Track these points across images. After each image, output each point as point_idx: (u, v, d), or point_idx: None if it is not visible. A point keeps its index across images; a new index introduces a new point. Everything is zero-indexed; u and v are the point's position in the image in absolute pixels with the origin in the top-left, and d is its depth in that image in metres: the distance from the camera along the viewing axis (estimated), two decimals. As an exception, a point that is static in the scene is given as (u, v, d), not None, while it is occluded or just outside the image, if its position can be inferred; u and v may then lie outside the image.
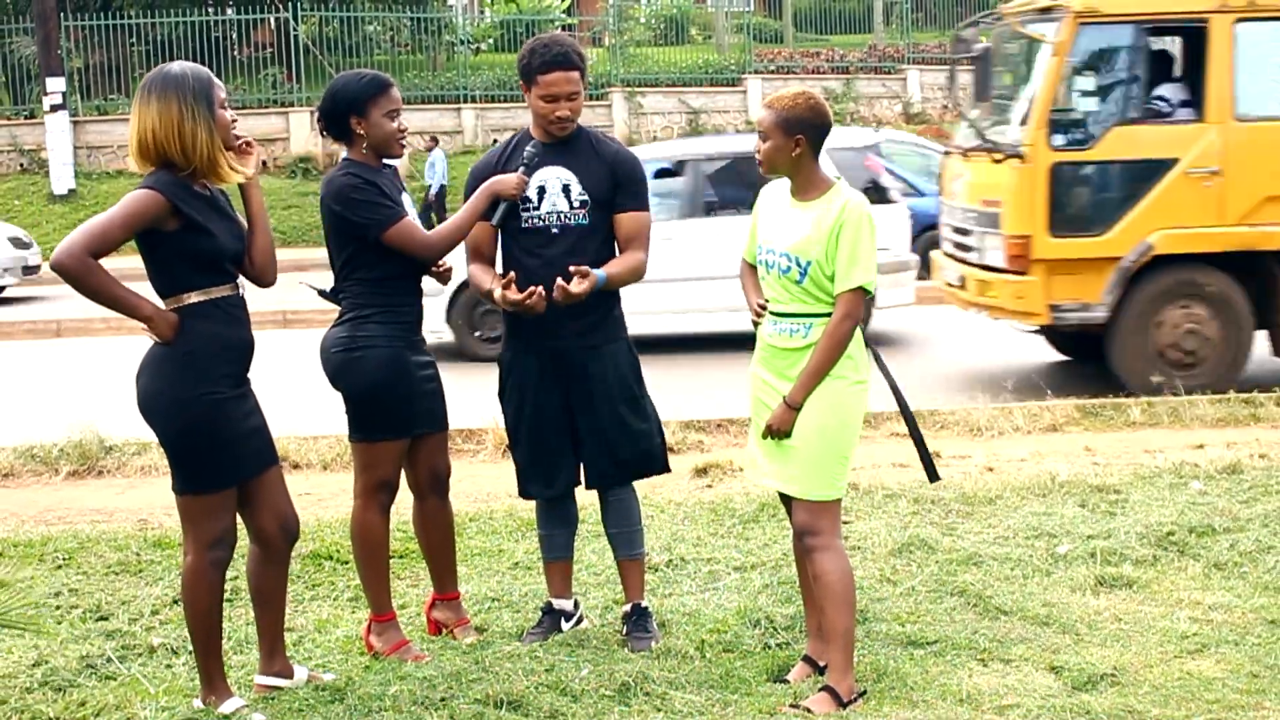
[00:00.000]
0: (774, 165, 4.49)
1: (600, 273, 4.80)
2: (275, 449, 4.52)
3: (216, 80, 4.32)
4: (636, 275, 4.97)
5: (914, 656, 4.83)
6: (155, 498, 7.33)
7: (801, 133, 4.42)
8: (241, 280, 4.43)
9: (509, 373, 5.04)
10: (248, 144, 4.42)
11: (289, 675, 4.61)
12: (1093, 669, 4.66)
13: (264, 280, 4.52)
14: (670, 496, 7.22)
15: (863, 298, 4.39)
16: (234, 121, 4.34)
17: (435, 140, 24.48)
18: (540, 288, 4.73)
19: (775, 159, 4.47)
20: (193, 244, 4.21)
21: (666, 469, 5.20)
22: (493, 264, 5.03)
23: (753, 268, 4.73)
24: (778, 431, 4.45)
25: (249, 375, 4.43)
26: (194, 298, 4.24)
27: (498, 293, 4.77)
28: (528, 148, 4.93)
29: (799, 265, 4.40)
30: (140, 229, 4.15)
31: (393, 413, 4.85)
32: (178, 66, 4.29)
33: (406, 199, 4.97)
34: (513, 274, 4.80)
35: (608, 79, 28.74)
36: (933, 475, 4.82)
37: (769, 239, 4.53)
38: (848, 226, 4.35)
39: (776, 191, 4.63)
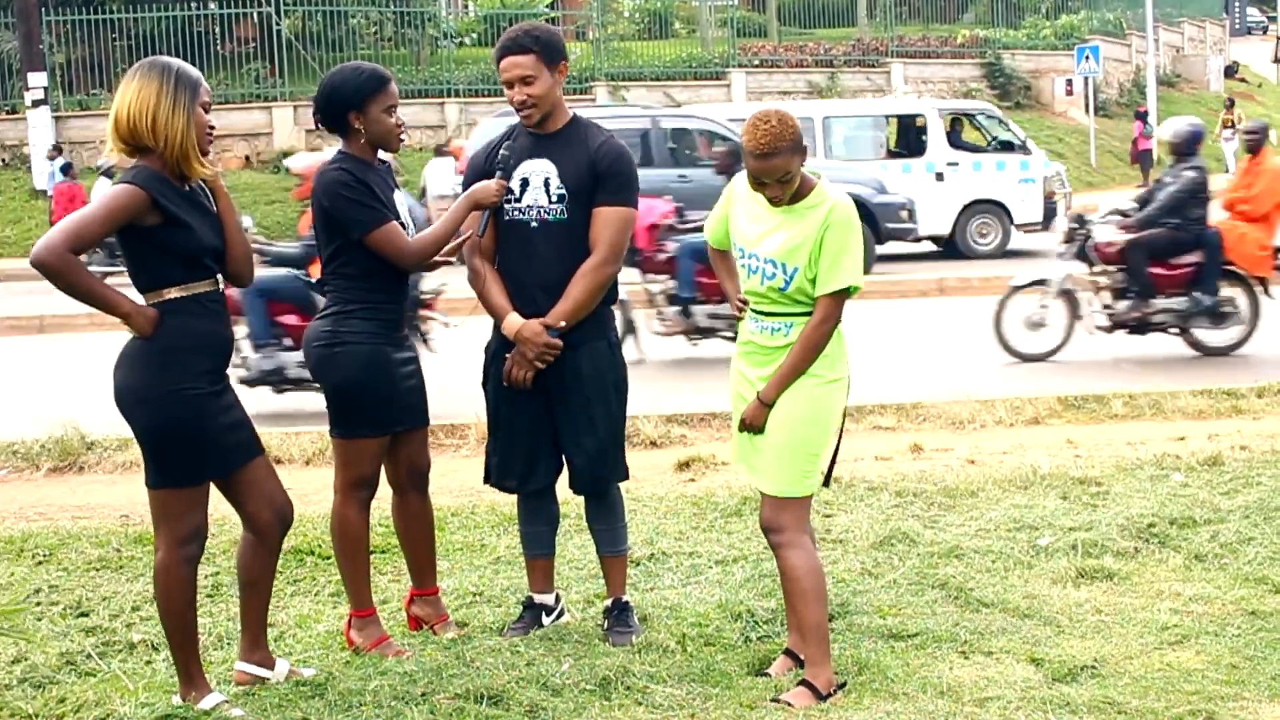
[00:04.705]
0: (791, 188, 4.34)
1: (551, 330, 4.79)
2: (259, 441, 4.50)
3: (205, 84, 4.31)
4: (599, 289, 4.85)
5: (895, 649, 4.84)
6: (136, 493, 7.25)
7: (805, 145, 4.35)
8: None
9: (492, 362, 5.02)
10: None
11: (270, 666, 4.60)
12: (1073, 661, 4.68)
13: (241, 281, 4.51)
14: (652, 490, 7.22)
15: (844, 301, 4.37)
16: (212, 128, 4.31)
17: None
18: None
19: (795, 183, 4.32)
20: (172, 239, 4.19)
21: (622, 479, 5.12)
22: (493, 258, 4.99)
23: (722, 254, 4.71)
24: (750, 426, 4.46)
25: (227, 370, 4.42)
26: (174, 293, 4.22)
27: (513, 324, 4.81)
28: (501, 150, 4.93)
29: (784, 272, 4.37)
30: (120, 224, 4.13)
31: (373, 410, 4.83)
32: (171, 58, 4.30)
33: (399, 196, 4.95)
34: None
35: (591, 73, 28.74)
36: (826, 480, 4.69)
37: (751, 241, 4.45)
38: (833, 229, 4.32)
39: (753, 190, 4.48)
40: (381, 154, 4.96)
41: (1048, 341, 11.32)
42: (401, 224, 4.83)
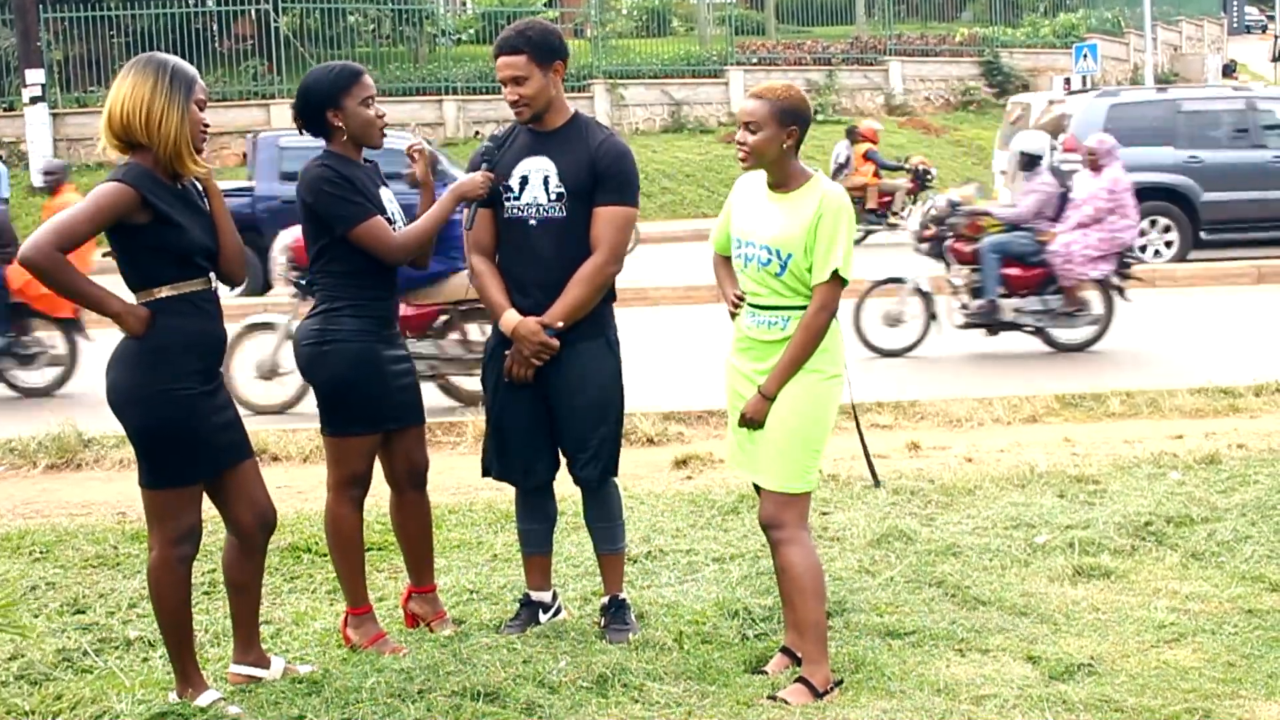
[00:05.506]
0: (762, 157, 4.43)
1: (548, 330, 4.79)
2: (249, 442, 4.50)
3: (201, 81, 4.29)
4: (598, 290, 4.84)
5: (892, 647, 4.84)
6: (133, 491, 7.18)
7: (795, 124, 4.40)
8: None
9: (491, 358, 5.03)
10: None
11: (265, 665, 4.59)
12: (1070, 659, 4.68)
13: (233, 281, 4.50)
14: (650, 488, 7.22)
15: (839, 290, 4.40)
16: (206, 126, 4.30)
17: None
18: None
19: (766, 150, 4.41)
20: (163, 238, 4.17)
21: (608, 476, 5.09)
22: (493, 255, 5.00)
23: (724, 259, 4.73)
24: (751, 421, 4.46)
25: (220, 370, 4.41)
26: (165, 292, 4.20)
27: (510, 321, 4.81)
28: (486, 140, 4.94)
29: (779, 258, 4.40)
30: (110, 222, 4.11)
31: (363, 408, 4.82)
32: (166, 55, 4.28)
33: (386, 192, 4.94)
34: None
35: (589, 70, 28.70)
36: (876, 480, 5.09)
37: (747, 231, 4.51)
38: (826, 217, 4.36)
39: (752, 184, 4.60)
40: (368, 153, 4.96)
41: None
42: (388, 219, 4.83)
